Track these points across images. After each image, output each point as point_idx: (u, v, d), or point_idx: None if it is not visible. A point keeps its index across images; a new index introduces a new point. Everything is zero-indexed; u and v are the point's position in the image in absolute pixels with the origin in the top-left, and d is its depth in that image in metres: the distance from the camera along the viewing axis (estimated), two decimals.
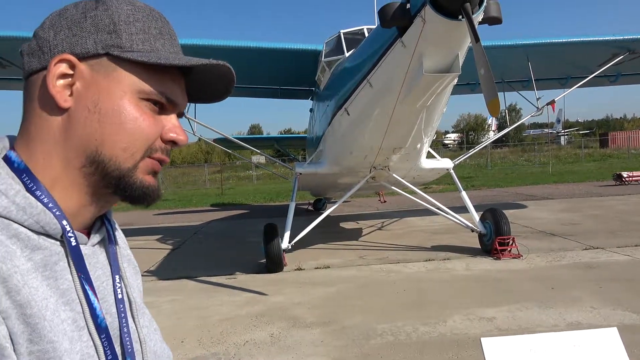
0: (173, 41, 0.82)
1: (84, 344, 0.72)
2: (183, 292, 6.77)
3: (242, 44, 9.05)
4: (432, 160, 9.31)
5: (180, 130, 0.82)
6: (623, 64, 10.28)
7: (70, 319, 0.71)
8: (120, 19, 0.76)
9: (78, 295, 0.73)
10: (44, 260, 0.71)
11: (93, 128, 0.75)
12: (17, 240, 0.69)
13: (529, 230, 9.95)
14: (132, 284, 0.89)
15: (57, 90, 0.74)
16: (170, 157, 0.84)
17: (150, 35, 0.78)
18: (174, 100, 0.80)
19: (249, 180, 36.11)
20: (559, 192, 17.60)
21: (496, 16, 5.01)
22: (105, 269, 0.84)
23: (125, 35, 0.76)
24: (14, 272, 0.65)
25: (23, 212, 0.70)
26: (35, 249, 0.70)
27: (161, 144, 0.80)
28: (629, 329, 4.43)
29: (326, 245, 9.69)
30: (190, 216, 16.73)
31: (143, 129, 0.77)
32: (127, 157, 0.76)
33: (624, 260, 7.11)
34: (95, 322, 0.74)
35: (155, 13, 0.82)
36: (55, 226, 0.73)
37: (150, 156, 0.79)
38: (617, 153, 38.81)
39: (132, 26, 0.77)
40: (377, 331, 4.85)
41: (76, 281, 0.74)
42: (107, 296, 0.81)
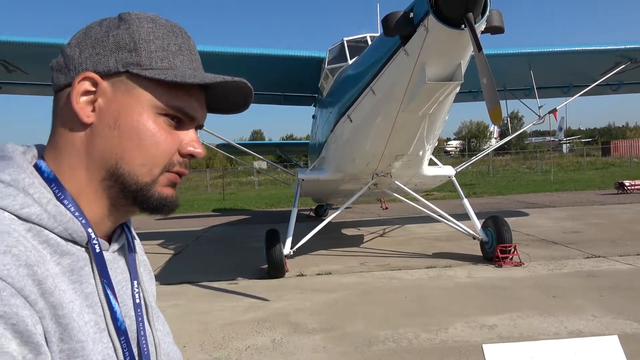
0: (192, 56, 0.84)
1: (104, 346, 0.76)
2: (185, 297, 6.79)
3: (246, 50, 9.12)
4: (434, 167, 9.34)
5: (198, 143, 0.85)
6: (625, 72, 10.33)
7: (92, 321, 0.75)
8: (141, 37, 0.79)
9: (100, 299, 0.77)
10: (71, 265, 0.75)
11: (113, 143, 0.78)
12: (47, 246, 0.73)
13: (531, 238, 9.95)
14: (148, 289, 0.93)
15: (80, 106, 0.78)
16: (190, 168, 0.87)
17: (170, 52, 0.81)
18: (191, 114, 0.83)
19: (251, 185, 36.14)
20: (560, 200, 17.59)
21: (498, 26, 5.06)
22: (125, 274, 0.88)
23: (145, 53, 0.79)
24: (47, 275, 0.69)
25: (54, 220, 0.74)
26: (63, 254, 0.75)
27: (179, 158, 0.83)
28: (630, 337, 4.44)
29: (328, 251, 9.70)
30: (192, 221, 16.75)
31: (160, 145, 0.80)
32: (145, 172, 0.80)
33: (625, 269, 7.11)
34: (115, 324, 0.78)
35: (176, 29, 0.84)
36: (81, 234, 0.77)
37: (169, 170, 0.82)
38: (619, 161, 38.77)
39: (152, 44, 0.80)
40: (379, 338, 4.86)
41: (99, 285, 0.78)
42: (127, 300, 0.86)
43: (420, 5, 5.03)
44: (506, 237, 7.88)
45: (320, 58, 9.21)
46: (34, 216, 0.72)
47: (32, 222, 0.72)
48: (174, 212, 0.86)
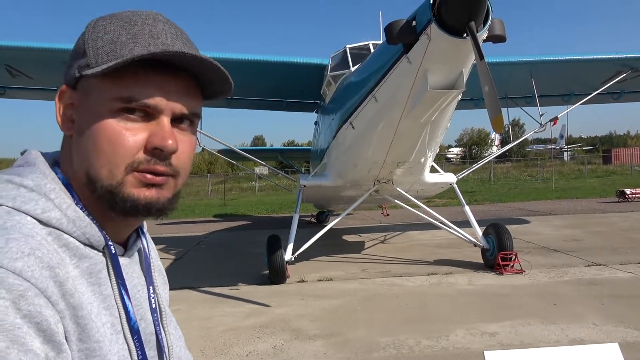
0: (153, 40, 0.76)
1: (120, 347, 0.78)
2: (186, 303, 6.80)
3: (249, 57, 9.17)
4: (436, 174, 9.36)
5: (165, 135, 0.77)
6: (626, 81, 10.36)
7: (109, 322, 0.78)
8: (90, 37, 0.78)
9: (115, 300, 0.80)
10: (89, 269, 0.78)
11: (81, 151, 0.79)
12: (67, 249, 0.75)
13: (532, 246, 9.95)
14: (161, 293, 0.95)
15: (61, 120, 0.81)
16: (170, 164, 0.79)
17: (118, 44, 0.75)
18: (149, 104, 0.76)
19: (252, 191, 36.16)
20: (561, 208, 17.59)
21: (500, 34, 5.10)
22: (141, 278, 0.90)
23: (91, 52, 0.77)
24: (68, 277, 0.72)
25: (73, 224, 0.77)
26: (82, 257, 0.77)
27: (145, 156, 0.77)
28: (631, 346, 4.44)
29: (329, 257, 9.71)
30: (193, 226, 16.77)
31: (116, 143, 0.75)
32: (106, 175, 0.76)
33: (626, 278, 7.11)
34: (128, 324, 0.80)
35: (137, 18, 0.78)
36: (99, 238, 0.80)
37: (137, 169, 0.77)
38: (620, 169, 38.77)
39: (99, 41, 0.77)
40: (380, 344, 4.87)
41: (114, 286, 0.80)
42: (143, 303, 0.88)
43: (423, 13, 5.07)
44: (507, 244, 7.89)
45: (322, 65, 9.26)
46: (54, 220, 0.75)
47: (52, 226, 0.75)
48: (159, 215, 0.80)
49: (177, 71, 0.78)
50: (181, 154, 0.80)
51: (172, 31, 0.79)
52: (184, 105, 0.79)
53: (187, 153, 0.82)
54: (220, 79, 0.82)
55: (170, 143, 0.77)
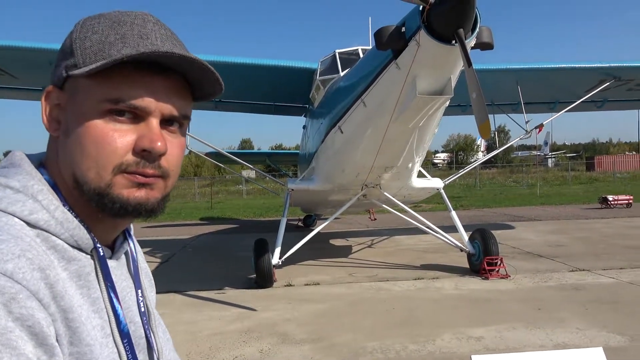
0: (142, 41, 0.75)
1: (110, 350, 0.77)
2: (171, 307, 6.73)
3: (238, 60, 9.15)
4: (423, 179, 9.42)
5: (154, 137, 0.75)
6: (609, 90, 10.56)
7: (99, 326, 0.77)
8: (77, 37, 0.77)
9: (105, 303, 0.79)
10: (78, 271, 0.76)
11: (68, 152, 0.77)
12: (55, 252, 0.74)
13: (517, 251, 10.06)
14: (148, 295, 0.95)
15: (47, 120, 0.80)
16: (159, 166, 0.77)
17: (106, 44, 0.74)
18: (138, 105, 0.75)
19: (239, 194, 36.01)
20: (546, 213, 17.82)
21: (488, 42, 5.17)
22: (129, 281, 0.89)
23: (79, 52, 0.75)
24: (58, 279, 0.71)
25: (61, 226, 0.75)
26: (70, 260, 0.76)
27: (134, 158, 0.75)
28: (614, 350, 4.50)
29: (316, 261, 9.70)
30: (179, 229, 16.64)
31: (103, 145, 0.74)
32: (93, 177, 0.75)
33: (609, 283, 7.22)
34: (118, 327, 0.79)
35: (125, 18, 0.77)
36: (87, 241, 0.78)
37: (125, 171, 0.75)
38: (602, 176, 39.42)
39: (87, 40, 0.75)
40: (367, 349, 4.87)
41: (103, 289, 0.79)
42: (132, 306, 0.87)
43: (412, 20, 5.12)
44: (493, 249, 7.96)
45: (312, 69, 9.28)
46: (42, 222, 0.74)
47: (40, 228, 0.74)
48: (150, 215, 0.79)
49: (166, 72, 0.77)
50: (170, 156, 0.79)
51: (162, 32, 0.78)
52: (173, 107, 0.78)
53: (176, 155, 0.80)
54: (211, 80, 0.81)
55: (159, 145, 0.75)
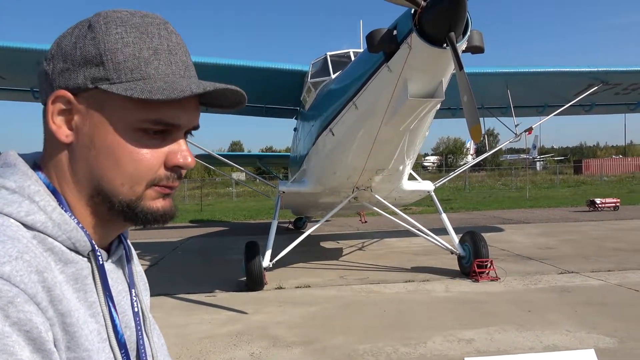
0: (172, 57, 0.77)
1: (106, 355, 0.76)
2: (162, 310, 6.67)
3: (229, 62, 9.13)
4: (414, 182, 9.45)
5: (186, 153, 0.79)
6: (597, 94, 10.69)
7: (96, 330, 0.75)
8: (107, 48, 0.74)
9: (102, 310, 0.77)
10: (74, 274, 0.75)
11: (92, 164, 0.76)
12: (51, 254, 0.72)
13: (506, 254, 10.12)
14: (143, 299, 0.93)
15: (57, 126, 0.76)
16: (182, 178, 0.82)
17: (142, 60, 0.74)
18: (174, 123, 0.77)
19: (229, 197, 35.88)
20: (534, 216, 17.97)
21: (479, 45, 5.20)
22: (124, 284, 0.88)
23: (112, 66, 0.73)
24: (56, 282, 0.69)
25: (58, 228, 0.74)
26: (67, 262, 0.74)
27: (166, 173, 0.78)
28: (603, 352, 4.54)
29: (307, 264, 9.68)
30: (169, 232, 16.50)
31: (140, 163, 0.75)
32: (126, 191, 0.76)
33: (598, 285, 7.29)
34: (116, 337, 0.78)
35: (152, 28, 0.77)
36: (85, 243, 0.76)
37: (156, 184, 0.78)
38: (590, 179, 39.88)
39: (120, 54, 0.74)
40: (358, 351, 4.86)
41: (101, 297, 0.78)
42: (127, 310, 0.86)
43: (404, 23, 5.14)
44: (483, 252, 8.00)
45: (303, 71, 9.28)
46: (38, 224, 0.72)
47: (37, 229, 0.72)
48: (173, 219, 0.83)
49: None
50: None
51: (181, 43, 0.80)
52: (197, 121, 0.82)
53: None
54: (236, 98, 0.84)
55: (190, 161, 0.79)
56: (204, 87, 0.75)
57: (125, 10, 0.78)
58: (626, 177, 40.60)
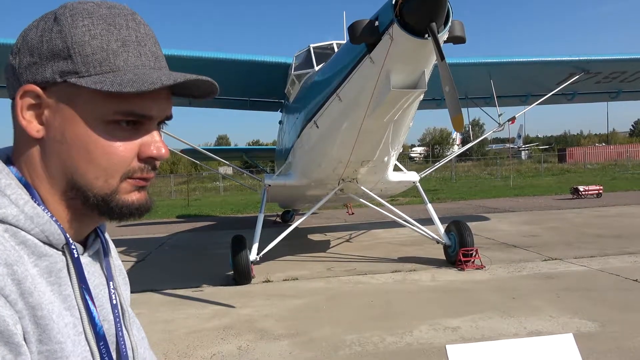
0: (142, 49, 0.77)
1: (82, 348, 0.76)
2: (148, 306, 6.64)
3: (212, 55, 9.05)
4: (399, 173, 9.49)
5: (159, 144, 0.79)
6: (579, 83, 10.82)
7: (71, 323, 0.75)
8: (74, 41, 0.73)
9: (78, 304, 0.77)
10: (48, 267, 0.74)
11: (64, 158, 0.75)
12: (24, 247, 0.72)
13: (492, 242, 10.24)
14: (123, 293, 0.93)
15: (27, 121, 0.75)
16: (156, 170, 0.81)
17: (110, 52, 0.74)
18: (146, 114, 0.76)
19: (216, 191, 35.71)
20: (519, 205, 18.18)
21: (460, 35, 5.22)
22: (101, 278, 0.88)
23: (80, 59, 0.73)
24: (27, 275, 0.69)
25: (30, 221, 0.73)
26: (41, 256, 0.74)
27: (140, 164, 0.78)
28: (585, 336, 4.63)
29: (294, 257, 9.69)
30: (156, 228, 16.41)
31: (112, 155, 0.75)
32: (101, 184, 0.76)
33: (580, 271, 7.41)
34: (94, 330, 0.78)
35: (119, 20, 0.76)
36: (58, 237, 0.76)
37: (131, 177, 0.77)
38: (574, 168, 40.44)
39: (87, 46, 0.73)
40: (346, 342, 4.90)
41: (76, 291, 0.77)
42: (105, 303, 0.85)
43: (385, 14, 5.14)
44: (468, 241, 8.08)
45: (286, 64, 9.23)
46: (10, 217, 0.71)
47: (9, 222, 0.71)
48: (149, 212, 0.83)
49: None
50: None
51: (151, 34, 0.79)
52: (169, 111, 0.81)
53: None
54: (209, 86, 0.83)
55: (164, 152, 0.79)
56: (175, 78, 0.74)
57: (91, 2, 0.77)
58: (609, 164, 41.23)
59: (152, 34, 0.80)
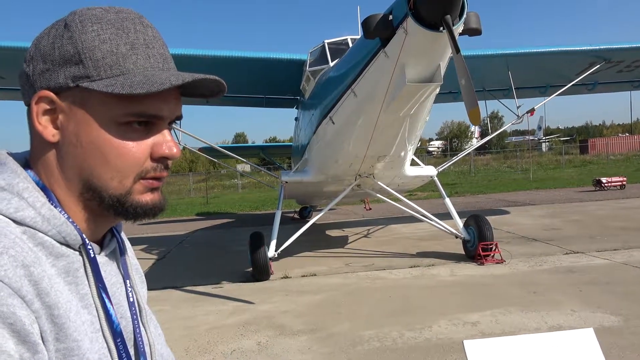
0: (150, 51, 0.79)
1: (100, 345, 0.78)
2: (169, 302, 6.74)
3: (227, 53, 9.10)
4: (416, 167, 9.44)
5: (171, 144, 0.81)
6: (600, 72, 10.58)
7: (88, 321, 0.77)
8: (85, 46, 0.75)
9: (95, 302, 0.79)
10: (66, 267, 0.77)
11: (80, 161, 0.77)
12: (42, 248, 0.74)
13: (512, 236, 10.12)
14: (140, 291, 0.95)
15: (43, 127, 0.78)
16: (169, 170, 0.84)
17: (120, 56, 0.76)
18: (158, 115, 0.79)
19: (234, 188, 35.98)
20: (540, 198, 17.90)
21: (476, 27, 5.15)
22: (118, 276, 0.90)
23: (91, 63, 0.75)
24: (44, 276, 0.71)
25: (47, 223, 0.76)
26: (58, 256, 0.76)
27: (152, 164, 0.80)
28: (608, 330, 4.55)
29: (312, 253, 9.72)
30: (175, 225, 16.62)
31: (126, 156, 0.77)
32: (116, 185, 0.78)
33: (603, 264, 7.28)
34: (111, 327, 0.80)
35: (127, 23, 0.78)
36: (75, 237, 0.78)
37: (144, 177, 0.80)
38: (596, 159, 39.61)
39: (98, 51, 0.75)
40: (364, 337, 4.90)
41: (93, 289, 0.80)
42: (122, 301, 0.88)
43: (399, 7, 5.10)
44: (487, 235, 8.00)
45: (301, 60, 9.24)
46: (28, 219, 0.74)
47: (27, 225, 0.74)
48: (163, 212, 0.85)
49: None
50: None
51: (158, 36, 0.81)
52: (179, 111, 0.83)
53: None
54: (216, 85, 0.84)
55: (176, 151, 0.81)
56: (183, 78, 0.76)
57: (99, 8, 0.80)
58: (633, 155, 40.23)
59: (159, 36, 0.82)
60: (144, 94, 0.73)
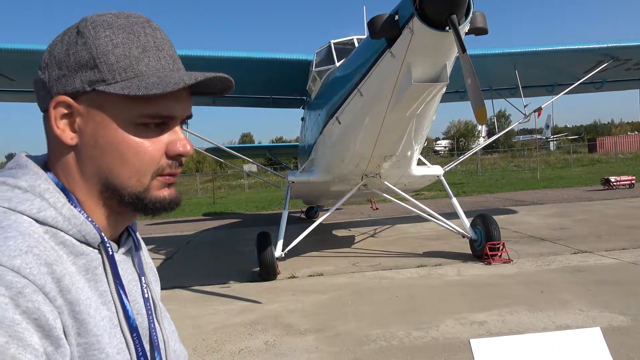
0: (160, 53, 0.82)
1: (118, 340, 0.81)
2: (177, 302, 6.79)
3: (233, 54, 9.14)
4: (423, 167, 9.43)
5: (185, 142, 0.84)
6: (607, 70, 10.50)
7: (107, 317, 0.80)
8: (99, 51, 0.78)
9: (113, 298, 0.83)
10: (86, 265, 0.80)
11: (99, 161, 0.81)
12: (63, 247, 0.78)
13: (519, 235, 10.08)
14: (154, 289, 0.98)
15: (61, 130, 0.81)
16: (183, 165, 0.88)
17: (132, 59, 0.79)
18: (171, 115, 0.82)
19: (241, 188, 36.08)
20: (548, 197, 17.80)
21: (482, 27, 5.15)
22: (134, 274, 0.93)
23: (106, 68, 0.78)
24: (65, 273, 0.74)
25: (68, 222, 0.79)
26: (78, 254, 0.79)
27: (168, 161, 0.84)
28: (616, 330, 4.54)
29: (319, 252, 9.75)
30: (182, 226, 16.70)
31: (143, 155, 0.81)
32: (134, 183, 0.82)
33: (611, 264, 7.24)
34: (127, 322, 0.83)
35: (137, 27, 0.81)
36: (94, 236, 0.82)
37: (160, 174, 0.84)
38: (605, 158, 39.24)
39: (111, 55, 0.78)
40: (371, 337, 4.91)
41: (112, 286, 0.83)
42: (138, 298, 0.91)
43: (405, 7, 5.10)
44: (495, 234, 7.98)
45: (307, 61, 9.25)
46: (50, 219, 0.77)
47: (49, 224, 0.77)
48: (179, 207, 0.89)
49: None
50: None
51: (166, 38, 0.85)
52: (189, 110, 0.87)
53: None
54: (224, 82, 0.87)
55: (190, 149, 0.85)
56: (195, 77, 0.79)
57: (109, 13, 0.82)
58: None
59: (167, 38, 0.85)
60: (159, 95, 0.77)
